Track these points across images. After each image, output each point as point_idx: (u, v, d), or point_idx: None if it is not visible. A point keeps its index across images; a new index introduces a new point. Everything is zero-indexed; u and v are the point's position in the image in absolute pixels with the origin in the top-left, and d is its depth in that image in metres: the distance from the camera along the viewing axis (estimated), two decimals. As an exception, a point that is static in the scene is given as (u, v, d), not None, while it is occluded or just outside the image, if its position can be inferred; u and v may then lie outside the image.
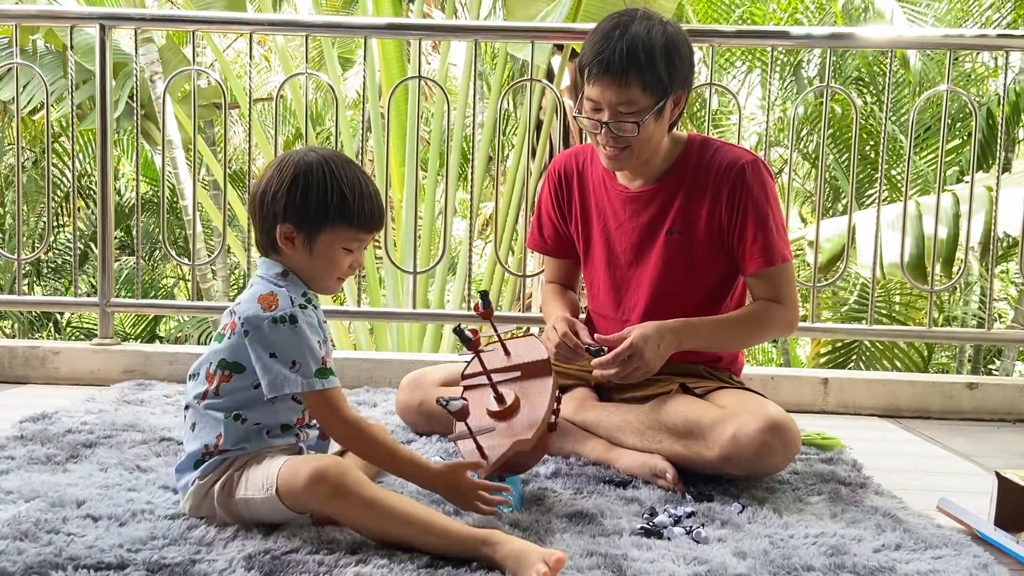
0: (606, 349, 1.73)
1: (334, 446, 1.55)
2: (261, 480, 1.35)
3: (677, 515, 1.51)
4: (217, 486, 1.38)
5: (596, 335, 1.79)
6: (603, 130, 1.77)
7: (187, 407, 1.45)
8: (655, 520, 1.49)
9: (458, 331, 1.58)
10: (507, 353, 1.71)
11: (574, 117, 1.86)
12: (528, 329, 2.82)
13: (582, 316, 2.17)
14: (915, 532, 1.47)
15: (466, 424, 1.52)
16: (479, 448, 1.53)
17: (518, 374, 1.67)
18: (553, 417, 1.62)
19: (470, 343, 1.57)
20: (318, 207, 1.41)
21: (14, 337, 8.06)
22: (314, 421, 1.50)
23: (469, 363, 1.71)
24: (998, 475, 1.57)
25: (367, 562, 1.25)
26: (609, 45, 1.70)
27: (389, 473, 1.50)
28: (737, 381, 1.96)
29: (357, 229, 1.44)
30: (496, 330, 1.75)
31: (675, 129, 1.89)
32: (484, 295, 1.69)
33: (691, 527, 1.46)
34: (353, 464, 1.42)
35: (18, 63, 2.87)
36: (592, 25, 1.84)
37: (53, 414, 2.11)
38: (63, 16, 3.32)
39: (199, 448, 1.41)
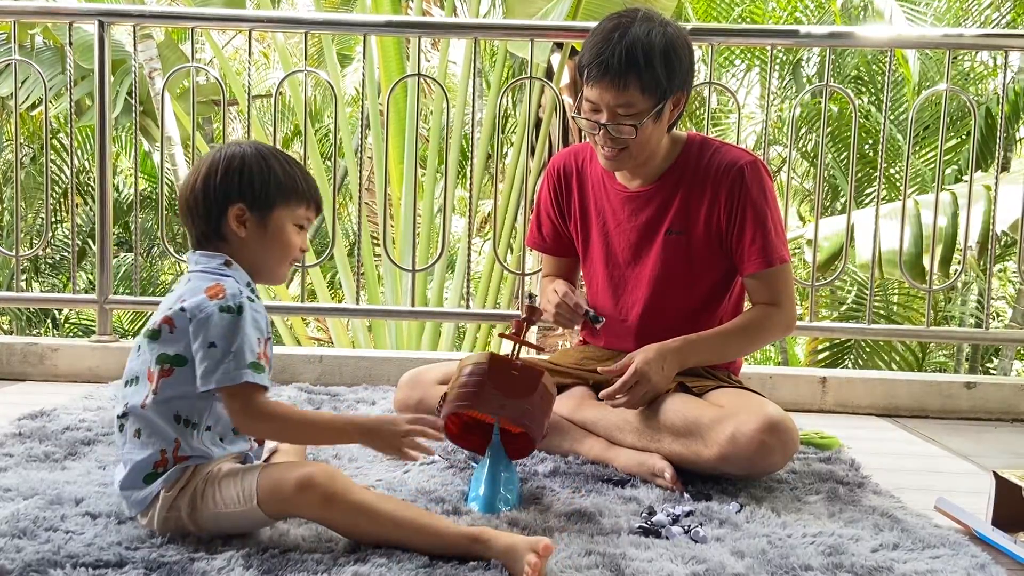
0: (595, 314, 1.80)
1: (265, 449, 1.51)
2: (235, 494, 1.30)
3: (675, 514, 1.51)
4: (184, 503, 1.31)
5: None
6: (601, 131, 1.77)
7: (124, 415, 1.35)
8: (653, 519, 1.49)
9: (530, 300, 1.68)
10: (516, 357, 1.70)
11: (572, 117, 1.85)
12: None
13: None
14: (913, 532, 1.48)
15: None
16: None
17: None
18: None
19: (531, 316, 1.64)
20: (270, 184, 1.40)
21: (12, 333, 8.05)
22: None
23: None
24: (995, 475, 1.57)
25: (365, 561, 1.25)
26: (608, 47, 1.70)
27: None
28: (735, 380, 1.96)
29: (307, 206, 1.45)
30: (525, 341, 1.73)
31: (674, 129, 1.89)
32: (531, 298, 1.74)
33: (689, 526, 1.46)
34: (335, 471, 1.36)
35: (16, 60, 2.87)
36: (592, 24, 1.84)
37: (51, 411, 2.10)
38: (62, 12, 3.31)
39: (147, 459, 1.32)
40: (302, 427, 1.37)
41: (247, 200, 1.39)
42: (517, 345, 1.67)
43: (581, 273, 2.10)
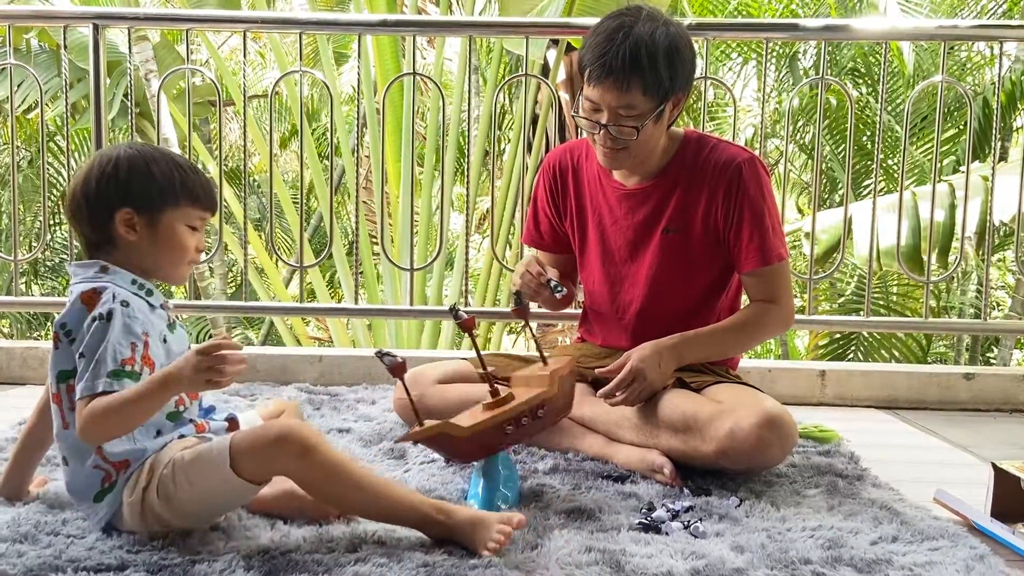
0: (556, 283, 1.80)
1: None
2: (207, 467, 1.28)
3: (675, 510, 1.52)
4: (154, 498, 1.29)
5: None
6: (602, 131, 1.76)
7: (56, 441, 1.37)
8: (653, 515, 1.49)
9: (453, 311, 1.60)
10: (544, 362, 1.69)
11: (572, 116, 1.85)
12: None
13: (578, 311, 2.18)
14: (912, 524, 1.48)
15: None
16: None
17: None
18: (508, 428, 1.55)
19: (464, 325, 1.58)
20: (159, 186, 1.38)
21: (13, 336, 8.05)
22: (207, 403, 1.46)
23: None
24: (994, 466, 1.58)
25: (366, 561, 1.26)
26: (612, 47, 1.68)
27: None
28: (733, 375, 1.96)
29: (200, 206, 1.42)
30: (533, 333, 1.75)
31: (673, 125, 1.89)
32: (518, 295, 1.76)
33: (689, 521, 1.47)
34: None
35: (12, 64, 2.86)
36: (587, 20, 1.84)
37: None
38: (56, 16, 3.31)
39: (90, 478, 1.32)
40: (123, 407, 1.25)
41: (134, 205, 1.37)
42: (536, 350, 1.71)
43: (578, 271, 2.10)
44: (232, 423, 1.48)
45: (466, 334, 1.60)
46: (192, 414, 1.42)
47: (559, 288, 1.85)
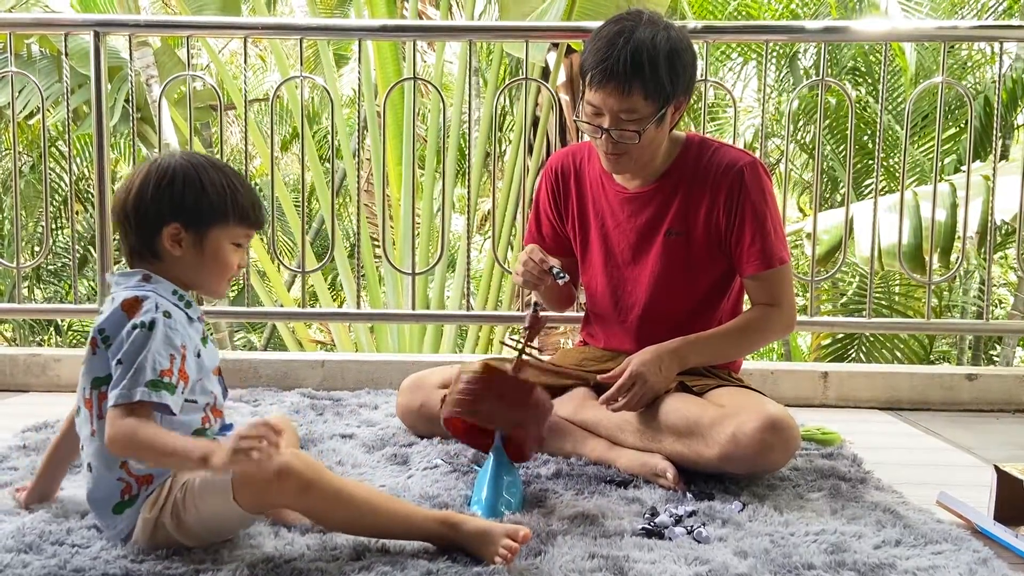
0: (559, 271, 1.80)
1: None
2: (212, 495, 1.28)
3: (678, 515, 1.52)
4: (167, 517, 1.29)
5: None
6: (604, 136, 1.77)
7: (82, 446, 1.37)
8: (656, 520, 1.49)
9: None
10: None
11: (574, 120, 1.86)
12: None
13: (580, 313, 2.18)
14: (915, 527, 1.48)
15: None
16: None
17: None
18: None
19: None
20: (210, 203, 1.36)
21: (15, 341, 8.07)
22: (227, 421, 1.45)
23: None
24: (997, 469, 1.57)
25: (370, 569, 1.26)
26: (613, 52, 1.68)
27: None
28: (736, 378, 1.96)
29: (248, 225, 1.41)
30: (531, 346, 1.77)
31: (675, 129, 1.90)
32: (536, 306, 1.80)
33: (692, 526, 1.47)
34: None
35: (13, 71, 2.87)
36: (587, 24, 1.84)
37: (55, 422, 2.11)
38: (57, 24, 3.31)
39: (112, 489, 1.32)
40: (159, 452, 1.23)
41: (183, 220, 1.35)
42: (518, 354, 1.70)
43: (580, 274, 2.10)
44: None
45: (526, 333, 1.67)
46: (215, 433, 1.42)
47: (561, 274, 1.84)
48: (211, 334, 1.46)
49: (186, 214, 1.35)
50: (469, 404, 1.58)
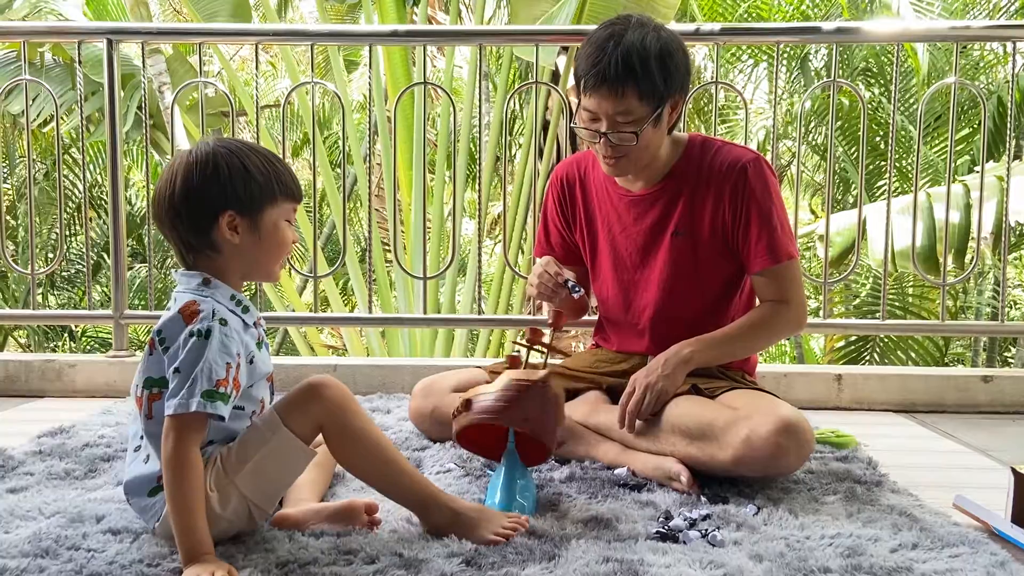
0: (574, 284, 1.85)
1: None
2: (257, 439, 1.34)
3: (692, 518, 1.51)
4: (208, 489, 1.30)
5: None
6: (602, 140, 1.77)
7: (138, 447, 1.39)
8: (670, 524, 1.49)
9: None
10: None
11: (573, 127, 1.86)
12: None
13: (593, 317, 2.18)
14: (932, 531, 1.47)
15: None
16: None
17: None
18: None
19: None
20: (258, 184, 1.36)
21: (30, 347, 8.12)
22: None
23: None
24: (1014, 471, 1.56)
25: (385, 573, 1.26)
26: (604, 56, 1.70)
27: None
28: (750, 381, 1.95)
29: (293, 198, 1.42)
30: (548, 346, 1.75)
31: (676, 130, 1.90)
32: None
33: (707, 530, 1.46)
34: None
35: (27, 79, 2.90)
36: (596, 27, 1.84)
37: (70, 428, 2.12)
38: (70, 31, 3.34)
39: (151, 474, 1.34)
40: (179, 495, 1.25)
41: (236, 207, 1.35)
42: (546, 353, 1.70)
43: (591, 281, 2.10)
44: None
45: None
46: None
47: (577, 288, 1.85)
48: (265, 337, 1.47)
49: (238, 200, 1.35)
50: (503, 411, 1.56)
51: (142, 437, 1.38)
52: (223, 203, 1.35)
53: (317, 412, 1.35)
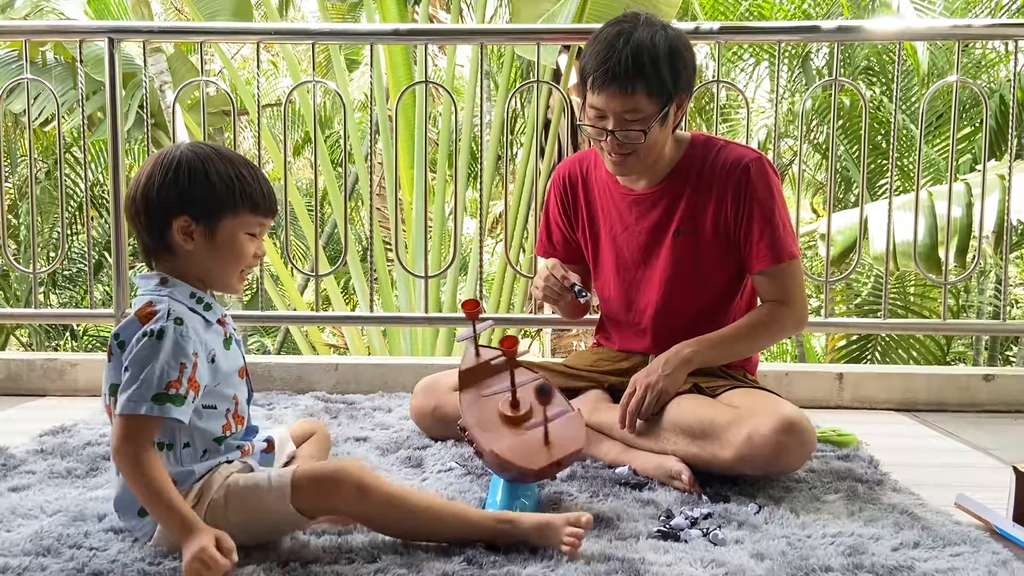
0: (581, 288, 1.84)
1: (280, 456, 1.52)
2: (266, 497, 1.30)
3: (694, 517, 1.51)
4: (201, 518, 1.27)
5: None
6: (608, 138, 1.77)
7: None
8: (672, 523, 1.49)
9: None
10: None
11: (578, 125, 1.86)
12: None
13: (595, 316, 2.18)
14: (933, 529, 1.47)
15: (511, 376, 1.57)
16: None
17: (536, 377, 1.66)
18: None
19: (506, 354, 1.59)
20: (218, 193, 1.33)
21: (31, 346, 8.13)
22: (250, 424, 1.44)
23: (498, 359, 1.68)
24: (1015, 470, 1.56)
25: (386, 571, 1.26)
26: (614, 54, 1.70)
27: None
28: (751, 380, 1.95)
29: (260, 213, 1.38)
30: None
31: (679, 129, 1.89)
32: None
33: (708, 529, 1.46)
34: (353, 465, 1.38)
35: (28, 79, 2.90)
36: (598, 26, 1.84)
37: (72, 426, 2.13)
38: (72, 31, 3.34)
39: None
40: (141, 487, 1.24)
41: (192, 212, 1.33)
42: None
43: (592, 280, 2.10)
44: (270, 444, 1.48)
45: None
46: (238, 439, 1.42)
47: (584, 294, 1.85)
48: (236, 334, 1.44)
49: (195, 206, 1.33)
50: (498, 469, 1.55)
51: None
52: (178, 207, 1.32)
53: (338, 505, 1.32)
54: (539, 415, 1.55)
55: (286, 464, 1.53)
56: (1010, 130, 2.93)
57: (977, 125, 6.40)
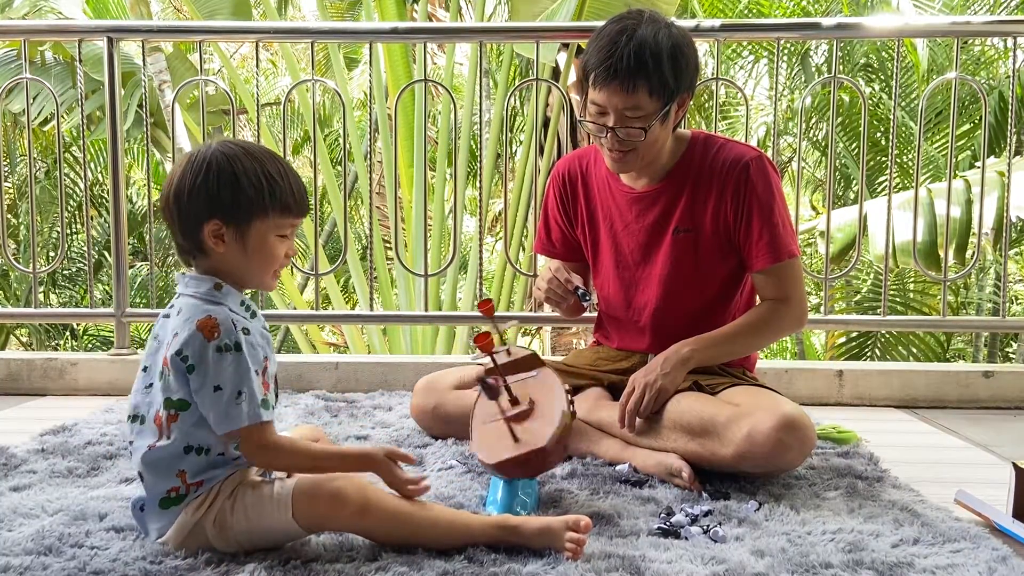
0: (584, 291, 1.86)
1: None
2: (269, 508, 1.31)
3: (694, 514, 1.52)
4: (209, 523, 1.31)
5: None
6: (609, 135, 1.77)
7: (131, 454, 1.37)
8: (672, 520, 1.49)
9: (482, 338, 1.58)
10: (508, 353, 1.73)
11: (579, 121, 1.85)
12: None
13: (594, 314, 2.18)
14: (933, 526, 1.47)
15: (498, 404, 1.58)
16: (511, 430, 1.54)
17: (533, 373, 1.67)
18: (570, 407, 1.58)
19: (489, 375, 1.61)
20: (247, 196, 1.31)
21: (32, 346, 8.13)
22: None
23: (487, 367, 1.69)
24: (1015, 466, 1.56)
25: (387, 569, 1.26)
26: (616, 50, 1.69)
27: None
28: (751, 377, 1.95)
29: (291, 215, 1.36)
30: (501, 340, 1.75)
31: (679, 127, 1.89)
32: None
33: (708, 526, 1.46)
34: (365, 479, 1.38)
35: (28, 78, 2.90)
36: (598, 23, 1.84)
37: (73, 426, 2.13)
38: (71, 30, 3.34)
39: (163, 488, 1.32)
40: (311, 458, 1.35)
41: (222, 216, 1.32)
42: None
43: (592, 278, 2.10)
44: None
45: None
46: None
47: (587, 296, 1.85)
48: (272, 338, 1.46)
49: (224, 210, 1.32)
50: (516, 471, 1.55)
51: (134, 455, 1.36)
52: (209, 211, 1.32)
53: (338, 524, 1.34)
54: (511, 411, 1.58)
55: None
56: (1009, 127, 2.93)
57: (976, 122, 6.40)
